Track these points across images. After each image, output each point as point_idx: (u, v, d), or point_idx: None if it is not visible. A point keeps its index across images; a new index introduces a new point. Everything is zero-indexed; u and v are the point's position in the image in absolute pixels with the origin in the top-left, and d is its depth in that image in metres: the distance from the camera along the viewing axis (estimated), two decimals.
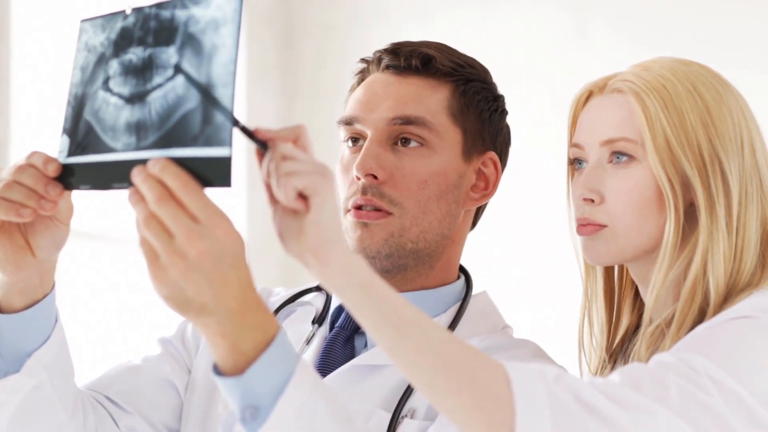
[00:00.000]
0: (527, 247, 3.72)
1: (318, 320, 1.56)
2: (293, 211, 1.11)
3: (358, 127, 1.51)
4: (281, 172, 1.10)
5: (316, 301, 1.60)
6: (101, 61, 1.17)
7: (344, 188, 1.51)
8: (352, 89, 1.57)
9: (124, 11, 1.16)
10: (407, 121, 1.49)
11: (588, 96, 1.49)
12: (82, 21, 1.21)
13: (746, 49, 3.44)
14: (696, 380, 1.20)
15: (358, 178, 1.48)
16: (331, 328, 1.55)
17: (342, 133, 1.54)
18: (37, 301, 1.30)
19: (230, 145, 1.05)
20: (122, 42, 1.15)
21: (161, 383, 1.53)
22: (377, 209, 1.48)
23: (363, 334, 1.52)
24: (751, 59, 3.41)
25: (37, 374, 1.32)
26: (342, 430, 1.13)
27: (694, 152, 1.39)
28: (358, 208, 1.48)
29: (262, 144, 1.12)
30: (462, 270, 1.59)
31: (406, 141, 1.50)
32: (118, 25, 1.16)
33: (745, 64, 3.34)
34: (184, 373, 1.55)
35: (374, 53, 1.56)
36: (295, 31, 4.27)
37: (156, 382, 1.53)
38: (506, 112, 1.59)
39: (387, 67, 1.53)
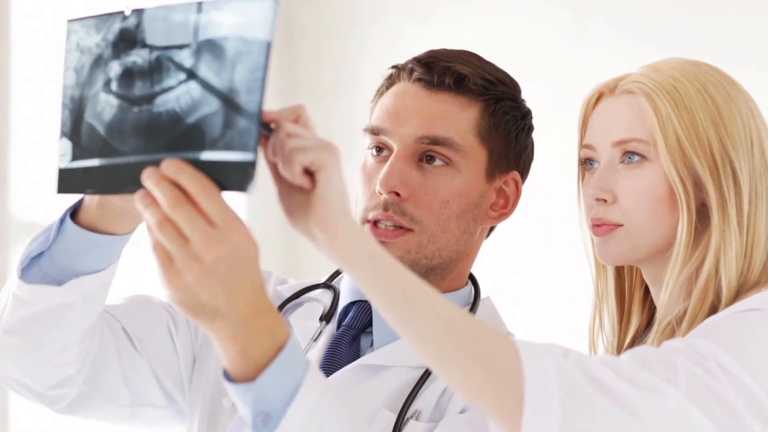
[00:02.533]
0: (530, 248, 3.72)
1: (325, 317, 1.56)
2: (299, 188, 1.11)
3: (384, 138, 1.51)
4: (287, 149, 1.10)
5: (323, 297, 1.59)
6: (99, 62, 1.14)
7: (364, 197, 1.51)
8: (380, 94, 1.56)
9: (122, 12, 1.14)
10: (435, 141, 1.48)
11: (598, 97, 1.50)
12: (70, 21, 1.18)
13: (747, 47, 3.44)
14: (704, 365, 1.22)
15: (380, 193, 1.48)
16: (339, 326, 1.55)
17: (367, 140, 1.53)
18: (108, 233, 1.29)
19: (255, 150, 1.05)
20: (123, 43, 1.13)
21: (172, 343, 1.53)
22: (396, 226, 1.48)
23: (369, 333, 1.53)
24: (751, 57, 3.41)
25: (74, 295, 1.31)
26: None
27: (705, 152, 1.41)
28: (376, 222, 1.48)
29: (266, 126, 1.11)
30: (470, 276, 1.59)
31: (431, 158, 1.49)
32: (117, 26, 1.14)
33: (747, 62, 3.34)
34: (188, 348, 1.54)
35: (407, 62, 1.54)
36: (294, 31, 4.26)
37: (169, 339, 1.53)
38: (533, 128, 1.58)
39: (418, 79, 1.51)
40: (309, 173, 1.10)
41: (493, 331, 1.14)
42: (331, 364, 1.50)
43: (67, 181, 1.17)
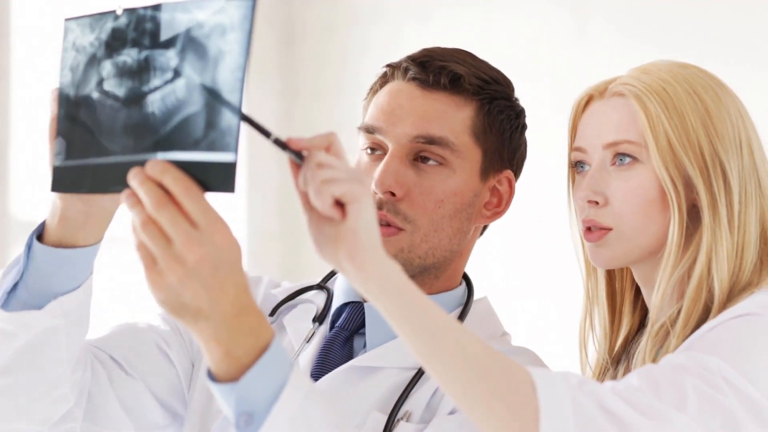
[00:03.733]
0: (526, 249, 3.72)
1: (319, 318, 1.56)
2: (329, 218, 1.11)
3: (379, 137, 1.50)
4: (318, 180, 1.10)
5: (316, 298, 1.59)
6: (92, 61, 1.15)
7: None
8: (374, 93, 1.55)
9: (114, 11, 1.14)
10: (430, 140, 1.48)
11: (588, 100, 1.50)
12: (67, 20, 1.19)
13: (746, 48, 3.44)
14: (711, 381, 1.23)
15: (375, 193, 1.47)
16: (332, 327, 1.55)
17: (362, 139, 1.53)
18: (78, 246, 1.28)
19: (236, 150, 1.05)
20: (114, 43, 1.13)
21: (163, 356, 1.53)
22: (389, 224, 1.47)
23: (362, 335, 1.53)
24: (750, 58, 3.41)
25: (56, 317, 1.31)
26: None
27: (695, 153, 1.41)
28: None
29: (297, 154, 1.11)
30: (464, 276, 1.59)
31: (425, 158, 1.49)
32: (109, 25, 1.14)
33: (745, 63, 3.34)
34: (184, 354, 1.54)
35: (402, 61, 1.53)
36: (295, 31, 4.26)
37: (159, 353, 1.53)
38: (526, 127, 1.58)
39: (413, 78, 1.51)
40: (339, 204, 1.10)
41: (513, 365, 1.15)
42: (323, 365, 1.50)
43: (61, 179, 1.18)
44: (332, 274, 1.62)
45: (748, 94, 1.50)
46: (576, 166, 1.51)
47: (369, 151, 1.52)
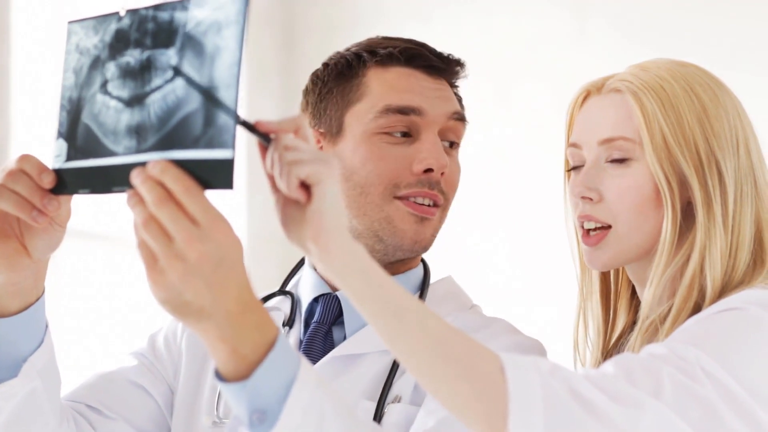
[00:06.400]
0: (525, 247, 3.72)
1: (288, 323, 1.56)
2: (296, 200, 1.11)
3: (414, 118, 1.53)
4: (284, 162, 1.10)
5: (282, 305, 1.60)
6: (96, 63, 1.15)
7: (393, 175, 1.52)
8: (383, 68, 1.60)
9: (117, 13, 1.15)
10: (462, 117, 1.56)
11: (585, 96, 1.50)
12: (70, 22, 1.19)
13: (745, 50, 3.44)
14: (688, 371, 1.21)
15: (432, 170, 1.51)
16: (307, 325, 1.55)
17: (382, 120, 1.52)
18: (31, 304, 1.29)
19: (233, 147, 1.05)
20: (118, 44, 1.14)
21: (138, 390, 1.53)
22: (434, 204, 1.53)
23: (341, 325, 1.53)
24: (749, 60, 3.41)
25: (32, 379, 1.31)
26: (347, 424, 1.13)
27: (691, 151, 1.41)
28: (411, 198, 1.51)
29: (265, 137, 1.12)
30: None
31: (452, 144, 1.55)
32: (112, 27, 1.15)
33: (744, 65, 3.34)
34: (159, 382, 1.55)
35: (397, 48, 1.58)
36: (295, 31, 4.26)
37: (133, 388, 1.53)
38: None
39: (425, 66, 1.55)
40: (305, 186, 1.10)
41: (480, 347, 1.14)
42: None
43: (61, 181, 1.18)
44: (290, 277, 1.64)
45: (748, 97, 1.50)
46: (571, 162, 1.51)
47: (399, 134, 1.52)
